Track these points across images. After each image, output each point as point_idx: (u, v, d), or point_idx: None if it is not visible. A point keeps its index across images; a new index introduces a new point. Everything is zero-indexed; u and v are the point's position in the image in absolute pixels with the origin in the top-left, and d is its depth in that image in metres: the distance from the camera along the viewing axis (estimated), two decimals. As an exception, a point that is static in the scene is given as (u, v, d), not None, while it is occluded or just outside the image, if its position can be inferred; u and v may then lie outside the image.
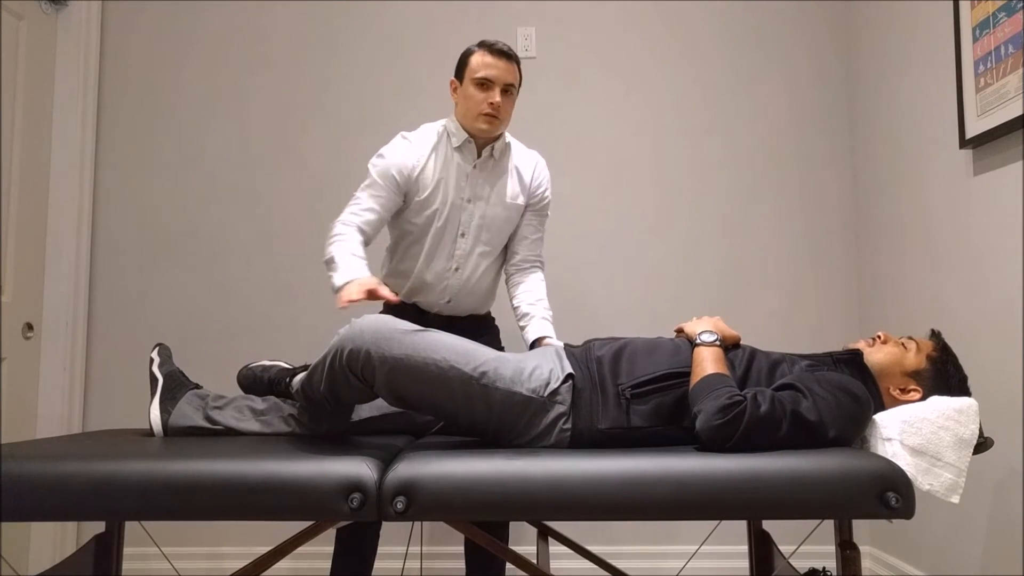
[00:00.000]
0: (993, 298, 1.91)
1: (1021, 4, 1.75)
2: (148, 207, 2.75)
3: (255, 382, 1.79)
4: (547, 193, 2.05)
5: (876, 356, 1.53)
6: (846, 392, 1.39)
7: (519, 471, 1.25)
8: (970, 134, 1.94)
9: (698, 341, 1.51)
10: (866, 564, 2.54)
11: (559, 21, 2.79)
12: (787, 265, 2.72)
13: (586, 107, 2.77)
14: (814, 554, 2.39)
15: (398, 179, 1.90)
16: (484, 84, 1.88)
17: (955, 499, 1.29)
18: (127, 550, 2.53)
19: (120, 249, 2.74)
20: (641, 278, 2.72)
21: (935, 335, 1.57)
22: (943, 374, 1.50)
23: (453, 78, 1.97)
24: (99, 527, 2.55)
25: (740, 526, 2.53)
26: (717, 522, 2.41)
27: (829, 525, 2.21)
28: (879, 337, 1.57)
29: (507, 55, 1.90)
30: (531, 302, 2.01)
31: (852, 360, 1.54)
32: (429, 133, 1.97)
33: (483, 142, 1.96)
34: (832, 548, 1.36)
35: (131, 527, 2.53)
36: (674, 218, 2.74)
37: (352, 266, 1.72)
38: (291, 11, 2.80)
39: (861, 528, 2.59)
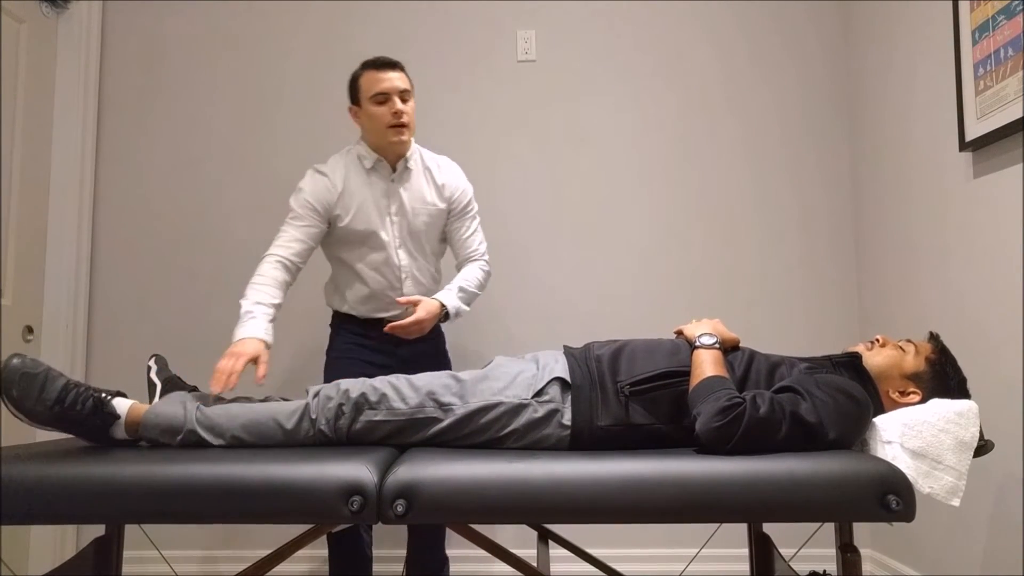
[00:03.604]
0: (993, 300, 1.91)
1: (1021, 7, 1.75)
2: (148, 209, 2.75)
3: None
4: (463, 196, 2.14)
5: (875, 359, 1.54)
6: (845, 394, 1.39)
7: (520, 474, 1.24)
8: (970, 137, 1.94)
9: (697, 343, 1.51)
10: (867, 567, 2.53)
11: (559, 24, 2.80)
12: (787, 268, 2.72)
13: (585, 110, 2.77)
14: (815, 557, 2.38)
15: (318, 208, 2.00)
16: (382, 99, 1.97)
17: (956, 502, 1.28)
18: (126, 553, 2.52)
19: (120, 251, 2.74)
20: (640, 281, 2.72)
21: (933, 337, 1.57)
22: (942, 376, 1.50)
23: (351, 105, 2.06)
24: (99, 530, 2.55)
25: (741, 529, 2.52)
26: (718, 525, 2.41)
27: (830, 528, 2.20)
28: (877, 340, 1.57)
29: (392, 64, 2.00)
30: (457, 279, 2.10)
31: (851, 363, 1.55)
32: (340, 161, 2.07)
33: (395, 158, 2.05)
34: (833, 551, 1.36)
35: (130, 530, 2.52)
36: (674, 221, 2.74)
37: (248, 325, 1.80)
38: (291, 12, 2.81)
39: (862, 531, 2.58)
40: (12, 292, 2.47)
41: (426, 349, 2.15)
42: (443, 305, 1.99)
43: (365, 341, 2.09)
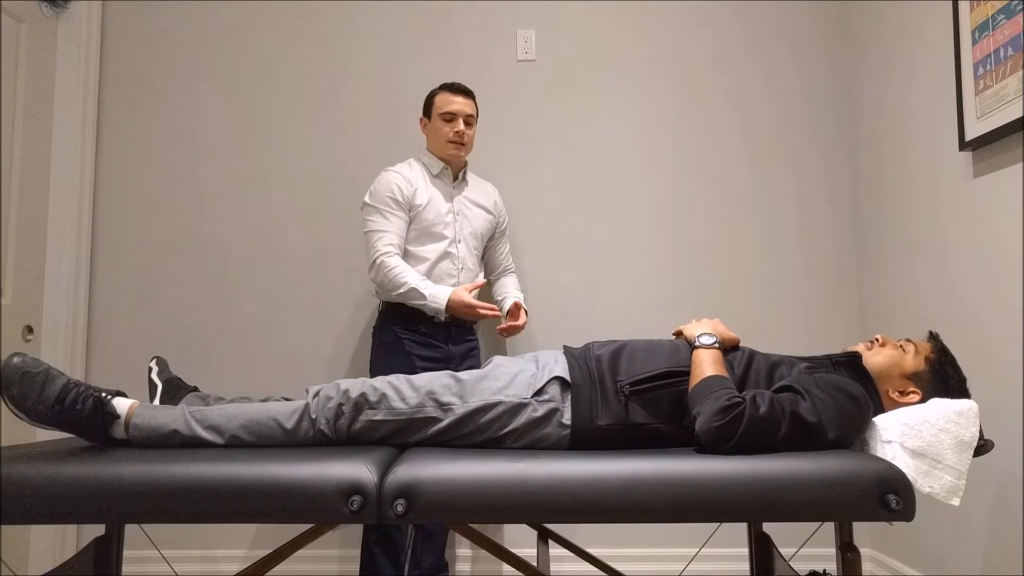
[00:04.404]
0: (993, 300, 1.91)
1: (1020, 6, 1.75)
2: (148, 209, 2.75)
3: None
4: (505, 217, 2.51)
5: (875, 359, 1.54)
6: (845, 393, 1.39)
7: (520, 474, 1.24)
8: (970, 136, 1.95)
9: (697, 343, 1.51)
10: (867, 566, 2.53)
11: (559, 24, 2.80)
12: (787, 267, 2.72)
13: (585, 110, 2.77)
14: (815, 556, 2.38)
15: (400, 199, 2.22)
16: (449, 117, 2.26)
17: (955, 501, 1.28)
18: (126, 553, 2.53)
19: (120, 251, 2.74)
20: (640, 281, 2.72)
21: (933, 337, 1.57)
22: (942, 376, 1.50)
23: (422, 116, 2.34)
24: (99, 530, 2.55)
25: (740, 528, 2.52)
26: (717, 525, 2.41)
27: (830, 527, 2.21)
28: (877, 340, 1.57)
29: (465, 92, 2.29)
30: (508, 289, 2.47)
31: (851, 363, 1.55)
32: (408, 164, 2.32)
33: (457, 168, 2.35)
34: (833, 550, 1.36)
35: (130, 530, 2.53)
36: (674, 221, 2.74)
37: (436, 287, 2.12)
38: (291, 13, 2.81)
39: (862, 530, 2.58)
40: (12, 292, 2.47)
41: (471, 347, 2.33)
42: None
43: (415, 336, 2.23)
